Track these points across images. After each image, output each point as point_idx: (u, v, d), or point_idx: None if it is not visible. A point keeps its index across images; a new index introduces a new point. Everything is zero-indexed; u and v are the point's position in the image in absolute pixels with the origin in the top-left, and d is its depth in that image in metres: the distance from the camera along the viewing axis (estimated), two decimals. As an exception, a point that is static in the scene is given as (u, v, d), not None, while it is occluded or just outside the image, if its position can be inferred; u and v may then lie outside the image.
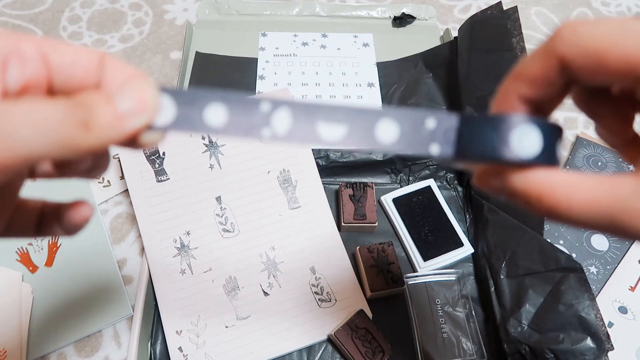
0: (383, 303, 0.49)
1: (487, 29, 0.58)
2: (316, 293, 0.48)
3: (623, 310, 0.49)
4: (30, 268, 0.50)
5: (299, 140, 0.20)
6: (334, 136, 0.20)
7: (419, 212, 0.54)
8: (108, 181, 0.56)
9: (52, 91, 0.19)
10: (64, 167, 0.21)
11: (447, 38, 0.69)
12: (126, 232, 0.54)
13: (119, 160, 0.53)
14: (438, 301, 0.49)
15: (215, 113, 0.19)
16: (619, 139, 0.22)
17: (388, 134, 0.20)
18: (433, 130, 0.20)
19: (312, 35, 0.70)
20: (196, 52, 0.67)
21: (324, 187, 0.53)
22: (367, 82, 0.65)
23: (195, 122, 0.19)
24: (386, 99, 0.63)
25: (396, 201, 0.54)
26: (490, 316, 0.47)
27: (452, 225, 0.53)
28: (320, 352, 0.46)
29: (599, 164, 0.59)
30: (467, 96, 0.57)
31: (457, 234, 0.53)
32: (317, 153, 0.56)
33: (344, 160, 0.56)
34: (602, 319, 0.42)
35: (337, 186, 0.56)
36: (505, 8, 0.57)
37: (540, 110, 0.21)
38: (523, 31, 0.55)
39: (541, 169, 0.18)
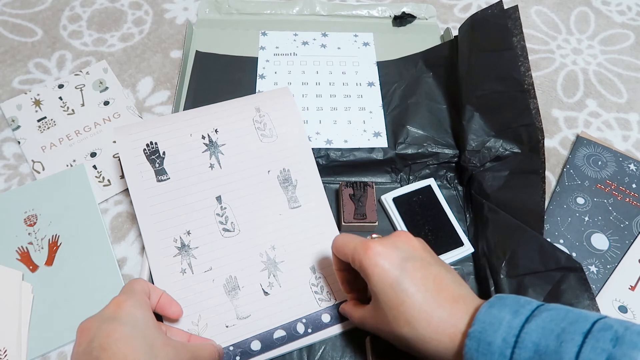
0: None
1: (488, 28, 0.58)
2: (316, 292, 0.48)
3: (623, 309, 0.49)
4: (31, 267, 0.50)
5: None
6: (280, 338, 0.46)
7: (419, 211, 0.54)
8: (108, 180, 0.56)
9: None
10: None
11: (447, 37, 0.69)
12: (126, 232, 0.54)
13: (119, 160, 0.53)
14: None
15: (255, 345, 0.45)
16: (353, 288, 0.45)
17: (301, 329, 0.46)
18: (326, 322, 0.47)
19: (312, 35, 0.70)
20: (196, 51, 0.67)
21: (324, 187, 0.53)
22: (367, 82, 0.65)
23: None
24: (386, 98, 0.63)
25: (396, 200, 0.54)
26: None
27: (452, 224, 0.53)
28: (321, 351, 0.46)
29: (599, 163, 0.59)
30: (467, 95, 0.57)
31: (457, 233, 0.53)
32: (317, 152, 0.56)
33: (344, 159, 0.56)
34: (602, 318, 0.42)
35: (338, 185, 0.56)
36: (505, 7, 0.57)
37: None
38: (523, 30, 0.55)
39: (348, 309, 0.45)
